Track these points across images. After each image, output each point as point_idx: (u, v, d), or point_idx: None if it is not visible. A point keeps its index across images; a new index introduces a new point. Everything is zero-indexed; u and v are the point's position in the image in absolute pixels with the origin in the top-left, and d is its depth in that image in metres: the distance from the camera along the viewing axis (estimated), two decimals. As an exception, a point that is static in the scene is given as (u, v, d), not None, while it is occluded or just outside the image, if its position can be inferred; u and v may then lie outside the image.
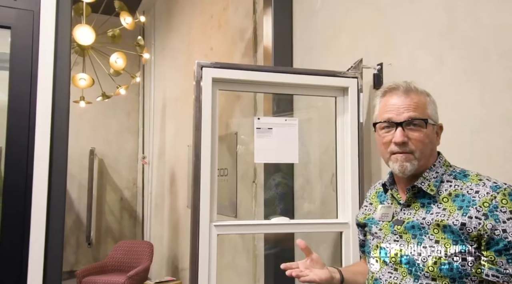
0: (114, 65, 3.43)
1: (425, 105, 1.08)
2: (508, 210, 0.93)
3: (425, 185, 1.05)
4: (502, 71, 1.39)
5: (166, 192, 5.18)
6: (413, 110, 1.05)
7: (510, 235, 0.91)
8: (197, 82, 1.69)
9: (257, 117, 1.79)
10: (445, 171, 1.08)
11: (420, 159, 1.06)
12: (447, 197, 1.02)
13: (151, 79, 5.95)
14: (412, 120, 1.05)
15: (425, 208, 1.04)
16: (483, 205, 0.95)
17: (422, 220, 1.03)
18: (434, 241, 0.99)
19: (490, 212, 0.94)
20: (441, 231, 0.99)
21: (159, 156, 5.57)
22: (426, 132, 1.05)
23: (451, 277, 0.96)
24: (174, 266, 4.77)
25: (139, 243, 5.02)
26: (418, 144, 1.05)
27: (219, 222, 1.68)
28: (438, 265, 0.97)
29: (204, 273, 1.63)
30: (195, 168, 1.67)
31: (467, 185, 1.01)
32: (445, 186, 1.04)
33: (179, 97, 4.85)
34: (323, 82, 1.81)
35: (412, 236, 1.04)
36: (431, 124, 1.07)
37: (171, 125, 5.12)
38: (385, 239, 1.10)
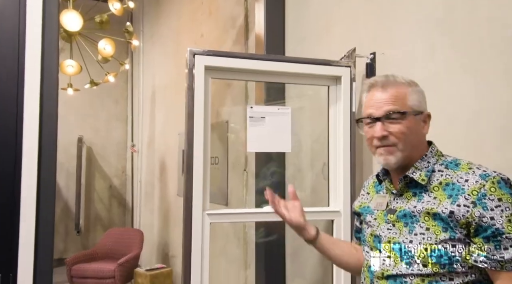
0: (102, 52, 3.37)
1: (405, 96, 1.08)
2: (496, 197, 0.94)
3: (417, 175, 1.06)
4: (496, 61, 1.40)
5: (156, 180, 5.17)
6: (392, 104, 1.06)
7: (498, 222, 0.93)
8: (189, 70, 1.67)
9: (250, 106, 1.78)
10: (436, 161, 1.08)
11: (404, 150, 1.07)
12: (438, 186, 1.03)
13: (140, 66, 5.87)
14: (391, 113, 1.06)
15: (416, 197, 1.06)
16: (472, 193, 0.96)
17: (413, 208, 1.05)
18: (424, 228, 1.01)
19: (479, 200, 0.95)
20: (431, 218, 1.00)
21: (149, 144, 5.54)
22: (407, 123, 1.06)
23: (441, 263, 0.98)
24: (165, 253, 4.78)
25: (129, 230, 5.02)
26: (400, 136, 1.06)
27: (212, 211, 1.68)
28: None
29: (197, 262, 1.64)
30: (187, 157, 1.66)
31: (457, 174, 1.02)
32: (436, 176, 1.05)
33: (168, 84, 4.80)
34: (316, 70, 1.80)
35: (404, 224, 1.06)
36: (413, 115, 1.07)
37: (160, 113, 5.08)
38: (379, 228, 1.13)
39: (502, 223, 0.93)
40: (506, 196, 0.94)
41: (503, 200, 0.94)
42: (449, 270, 0.97)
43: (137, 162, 6.01)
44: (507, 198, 0.94)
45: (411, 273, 1.01)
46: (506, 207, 0.94)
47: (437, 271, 0.98)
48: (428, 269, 0.99)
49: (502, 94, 1.38)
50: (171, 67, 4.70)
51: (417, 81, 1.73)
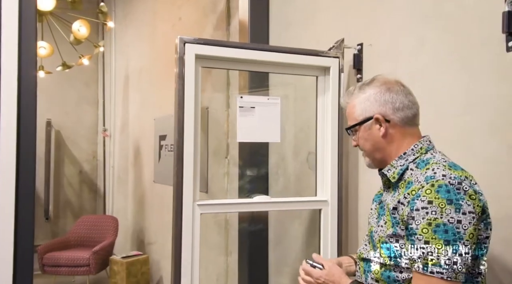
0: (77, 33, 3.23)
1: (352, 110, 1.16)
2: (427, 200, 0.95)
3: (390, 173, 1.12)
4: (485, 54, 1.44)
5: (130, 166, 5.07)
6: (348, 121, 1.19)
7: (416, 222, 0.96)
8: (179, 59, 1.63)
9: (240, 95, 1.76)
10: (414, 159, 1.10)
11: (369, 156, 1.18)
12: (403, 183, 1.09)
13: (112, 48, 5.67)
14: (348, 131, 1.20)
15: (393, 191, 1.13)
16: (411, 193, 1.00)
17: (385, 202, 1.14)
18: (383, 222, 1.11)
19: (412, 200, 0.99)
20: (390, 213, 1.07)
21: (122, 129, 5.41)
22: (359, 135, 1.17)
23: (389, 256, 1.05)
24: (140, 240, 4.73)
25: (103, 217, 4.93)
26: (361, 146, 1.19)
27: (202, 202, 1.67)
28: (380, 243, 1.08)
29: (187, 253, 1.63)
30: (178, 146, 1.64)
31: (418, 172, 1.05)
32: (407, 174, 1.09)
33: (144, 68, 4.68)
34: (305, 61, 1.80)
35: (379, 214, 1.16)
36: (360, 125, 1.15)
37: (135, 97, 4.96)
38: (372, 215, 1.24)
39: (419, 224, 0.95)
40: (439, 201, 0.93)
41: (433, 203, 0.94)
42: (394, 264, 1.04)
43: (109, 147, 5.86)
44: (439, 203, 0.93)
45: (374, 259, 1.10)
46: (433, 211, 0.93)
47: (387, 263, 1.05)
48: (381, 259, 1.07)
49: (491, 89, 1.42)
50: (147, 51, 4.57)
51: (405, 74, 1.77)
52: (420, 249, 0.94)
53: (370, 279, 1.11)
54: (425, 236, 0.94)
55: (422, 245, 0.94)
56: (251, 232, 2.52)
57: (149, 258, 4.18)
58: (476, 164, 1.47)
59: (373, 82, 1.15)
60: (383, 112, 1.11)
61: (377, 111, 1.11)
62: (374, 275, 1.09)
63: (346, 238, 1.94)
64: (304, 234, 2.30)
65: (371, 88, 1.13)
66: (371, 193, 1.90)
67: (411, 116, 1.14)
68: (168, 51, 4.03)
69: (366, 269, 1.14)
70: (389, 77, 1.17)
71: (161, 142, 4.11)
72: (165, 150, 4.01)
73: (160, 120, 4.16)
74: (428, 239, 0.93)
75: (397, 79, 1.18)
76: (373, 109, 1.12)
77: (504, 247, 1.38)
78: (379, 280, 1.08)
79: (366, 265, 1.15)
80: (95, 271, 4.09)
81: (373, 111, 1.12)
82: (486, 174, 1.43)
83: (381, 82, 1.14)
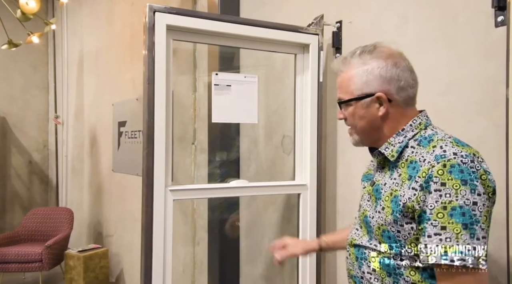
0: (24, 7, 2.92)
1: (349, 82, 1.02)
2: (440, 181, 0.87)
3: (388, 151, 1.02)
4: (470, 33, 1.40)
5: (86, 155, 4.77)
6: (339, 91, 1.05)
7: (429, 207, 0.88)
8: (149, 29, 1.48)
9: (215, 72, 1.64)
10: (413, 136, 1.01)
11: (359, 134, 1.06)
12: (404, 162, 0.99)
13: (64, 28, 5.28)
14: (338, 102, 1.07)
15: (390, 172, 1.02)
16: (421, 175, 0.91)
17: (383, 185, 1.03)
18: (382, 207, 1.00)
19: (425, 183, 0.90)
20: (389, 199, 0.98)
21: (76, 116, 5.07)
22: (352, 110, 1.03)
23: (389, 243, 0.98)
24: (97, 232, 4.48)
25: (56, 210, 4.60)
26: (350, 121, 1.06)
27: (175, 187, 1.54)
28: (380, 230, 0.99)
29: (159, 242, 1.50)
30: (148, 127, 1.49)
31: (423, 151, 0.96)
32: (408, 152, 0.99)
33: (100, 50, 4.39)
34: (284, 37, 1.70)
35: (376, 198, 1.04)
36: (356, 100, 1.01)
37: (91, 82, 4.65)
38: (363, 198, 1.12)
39: (432, 209, 0.87)
40: (453, 182, 0.87)
41: (446, 185, 0.87)
42: (395, 252, 0.96)
43: (62, 135, 5.50)
44: (453, 184, 0.86)
45: (369, 246, 1.03)
46: (446, 193, 0.86)
47: (386, 251, 0.98)
48: (382, 247, 0.99)
49: (476, 68, 1.39)
50: (104, 32, 4.28)
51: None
52: (437, 236, 0.86)
53: (365, 267, 1.03)
54: (441, 221, 0.86)
55: (439, 231, 0.86)
56: (222, 221, 2.41)
57: (108, 251, 3.96)
58: (460, 144, 1.44)
59: (376, 52, 1.00)
60: (387, 90, 0.99)
61: (380, 89, 0.99)
62: (372, 263, 1.01)
63: (324, 223, 1.88)
64: (278, 220, 2.22)
65: (374, 59, 0.99)
66: (349, 176, 1.85)
67: (413, 95, 1.04)
68: (127, 32, 3.79)
69: (360, 256, 1.06)
70: (393, 47, 1.04)
71: (121, 128, 3.88)
72: (125, 137, 3.79)
73: (119, 106, 3.93)
74: (445, 224, 0.86)
75: (400, 51, 1.05)
76: (375, 85, 0.99)
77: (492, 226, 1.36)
78: (376, 269, 1.00)
79: (359, 252, 1.06)
80: (49, 267, 3.81)
81: (376, 88, 0.99)
82: (472, 154, 1.41)
83: (386, 54, 1.00)
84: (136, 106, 3.57)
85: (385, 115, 1.01)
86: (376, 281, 1.00)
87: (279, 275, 2.29)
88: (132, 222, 3.69)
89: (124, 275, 3.92)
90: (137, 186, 3.58)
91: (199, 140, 2.80)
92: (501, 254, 1.32)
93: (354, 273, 1.07)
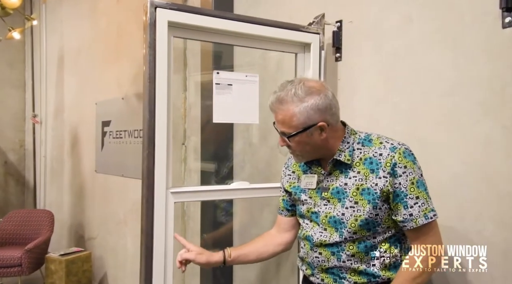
0: (6, 2, 2.80)
1: (292, 118, 1.17)
2: (403, 165, 1.15)
3: (342, 157, 1.22)
4: (476, 36, 1.41)
5: (67, 155, 4.62)
6: (281, 126, 1.20)
7: (403, 186, 1.15)
8: (150, 25, 1.42)
9: (216, 71, 1.59)
10: (353, 140, 1.24)
11: (304, 155, 1.25)
12: (359, 162, 1.21)
13: (43, 25, 5.10)
14: (282, 133, 1.22)
15: (343, 174, 1.23)
16: (386, 165, 1.16)
17: (344, 185, 1.22)
18: (353, 202, 1.20)
19: (392, 169, 1.15)
20: (359, 193, 1.19)
21: (56, 115, 4.90)
22: (298, 139, 1.19)
23: (367, 228, 1.19)
24: (79, 235, 4.34)
25: (36, 212, 4.43)
26: (295, 148, 1.22)
27: (177, 189, 1.49)
28: (358, 221, 1.19)
29: (160, 246, 1.44)
30: (148, 127, 1.44)
31: (372, 149, 1.20)
32: (356, 153, 1.22)
33: (82, 48, 4.25)
34: (287, 36, 1.67)
35: (338, 199, 1.23)
36: (301, 132, 1.17)
37: (72, 80, 4.50)
38: (316, 204, 1.27)
39: (406, 187, 1.15)
40: (410, 163, 1.16)
41: (407, 167, 1.15)
42: (373, 232, 1.20)
43: (40, 135, 5.30)
44: (411, 165, 1.16)
45: (344, 240, 1.21)
46: (410, 172, 1.15)
47: (364, 235, 1.20)
48: (357, 235, 1.20)
49: (482, 68, 1.39)
50: (86, 29, 4.15)
51: (389, 53, 1.71)
52: (416, 206, 1.15)
53: (344, 256, 1.21)
54: (414, 193, 1.15)
55: (415, 201, 1.15)
56: (215, 223, 2.36)
57: (91, 255, 3.84)
58: (464, 144, 1.44)
59: (308, 89, 1.17)
60: (325, 119, 1.18)
61: (320, 119, 1.17)
62: (350, 251, 1.21)
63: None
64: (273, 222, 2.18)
65: (309, 96, 1.16)
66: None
67: (339, 114, 1.23)
68: (112, 29, 3.68)
69: (335, 251, 1.23)
70: (315, 80, 1.28)
71: (105, 128, 3.76)
72: (110, 137, 3.68)
73: (103, 105, 3.81)
74: (417, 194, 1.15)
75: (322, 81, 1.35)
76: (316, 117, 1.17)
77: (496, 225, 1.36)
78: (355, 254, 1.21)
79: (334, 248, 1.23)
80: (28, 271, 3.66)
81: (316, 119, 1.17)
82: (477, 155, 1.41)
83: (317, 89, 1.18)
84: (122, 105, 3.48)
85: (325, 137, 1.20)
86: (355, 263, 1.21)
87: (274, 279, 2.26)
88: (116, 224, 3.59)
89: (108, 279, 3.80)
90: (122, 187, 3.52)
91: (189, 141, 2.74)
92: (508, 254, 1.33)
93: (330, 265, 1.24)
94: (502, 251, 1.35)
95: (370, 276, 1.21)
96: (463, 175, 1.44)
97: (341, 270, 1.23)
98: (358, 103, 1.78)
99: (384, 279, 1.21)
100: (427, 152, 1.49)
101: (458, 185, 1.45)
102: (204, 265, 1.39)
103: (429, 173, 1.28)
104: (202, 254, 1.37)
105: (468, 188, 1.43)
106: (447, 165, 1.48)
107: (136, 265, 3.20)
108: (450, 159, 1.47)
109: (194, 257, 1.35)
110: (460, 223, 1.45)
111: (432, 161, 1.48)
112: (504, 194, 1.34)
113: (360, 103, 1.77)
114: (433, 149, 1.51)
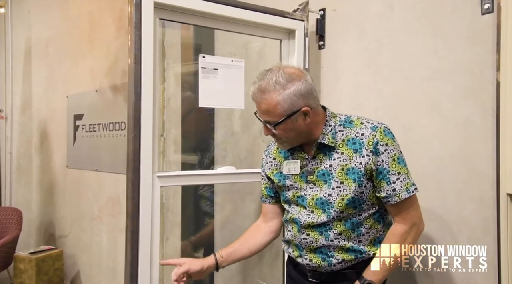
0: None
1: (276, 106, 1.18)
2: (384, 143, 1.21)
3: (326, 139, 1.25)
4: (456, 20, 1.46)
5: (35, 151, 4.44)
6: (266, 115, 1.22)
7: (385, 163, 1.20)
8: (135, 5, 1.39)
9: (202, 55, 1.57)
10: (335, 122, 1.27)
11: (290, 141, 1.26)
12: (342, 143, 1.25)
13: (8, 15, 4.89)
14: (266, 123, 1.23)
15: (327, 156, 1.26)
16: (369, 144, 1.21)
17: (329, 167, 1.25)
18: (339, 182, 1.23)
19: (374, 148, 1.20)
20: (344, 173, 1.23)
21: (23, 110, 4.71)
22: (283, 127, 1.21)
23: (353, 206, 1.24)
24: (49, 233, 4.19)
25: (2, 210, 4.24)
26: (280, 134, 1.24)
27: (164, 173, 1.46)
28: (345, 200, 1.23)
29: (146, 230, 1.41)
30: (134, 108, 1.40)
31: (353, 130, 1.25)
32: (339, 135, 1.26)
33: (51, 39, 4.10)
34: (273, 21, 1.68)
35: (324, 181, 1.26)
36: (285, 119, 1.19)
37: (40, 73, 4.33)
38: (302, 189, 1.30)
39: (388, 163, 1.20)
40: (391, 141, 1.22)
41: (388, 144, 1.21)
42: (358, 210, 1.24)
43: (5, 131, 5.08)
44: (391, 142, 1.21)
45: (332, 220, 1.24)
46: (391, 149, 1.21)
47: (350, 213, 1.24)
48: (344, 213, 1.24)
49: (462, 54, 1.45)
50: (56, 19, 4.01)
51: (372, 41, 1.74)
52: (398, 181, 1.21)
53: (332, 235, 1.25)
54: (396, 169, 1.21)
55: (397, 177, 1.21)
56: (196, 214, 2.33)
57: (63, 252, 3.71)
58: (445, 127, 1.49)
59: (288, 75, 1.18)
60: (308, 103, 1.20)
61: (303, 104, 1.19)
62: (337, 229, 1.25)
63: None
64: (256, 211, 2.18)
65: (290, 83, 1.18)
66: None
67: (319, 98, 1.27)
68: (84, 20, 3.57)
69: (323, 231, 1.26)
70: (293, 66, 1.28)
71: (77, 122, 3.65)
72: (82, 131, 3.57)
73: (75, 98, 3.69)
74: (399, 170, 1.21)
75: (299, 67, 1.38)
76: (299, 102, 1.19)
77: (475, 205, 1.42)
78: (342, 232, 1.25)
79: (321, 228, 1.26)
80: (-5, 272, 3.51)
81: (300, 104, 1.19)
82: (457, 136, 1.47)
83: (297, 75, 1.20)
84: (96, 98, 3.38)
85: (309, 122, 1.22)
86: (343, 241, 1.25)
87: (257, 269, 2.26)
88: (90, 221, 3.48)
89: (81, 277, 3.69)
90: (96, 182, 3.42)
91: (168, 132, 2.70)
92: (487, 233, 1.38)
93: (318, 245, 1.27)
94: (482, 230, 1.40)
95: (357, 252, 1.26)
96: (444, 157, 1.49)
97: (329, 249, 1.26)
98: (341, 90, 1.81)
99: (369, 254, 1.26)
100: (409, 136, 1.53)
101: (439, 167, 1.50)
102: (200, 272, 1.36)
103: (411, 156, 1.32)
104: (195, 261, 1.36)
105: (448, 170, 1.48)
106: (428, 148, 1.53)
107: (112, 262, 3.13)
108: (431, 142, 1.52)
109: (188, 267, 1.33)
110: (441, 203, 1.50)
111: (415, 144, 1.53)
112: (483, 175, 1.39)
113: (344, 90, 1.80)
114: (416, 132, 1.55)
